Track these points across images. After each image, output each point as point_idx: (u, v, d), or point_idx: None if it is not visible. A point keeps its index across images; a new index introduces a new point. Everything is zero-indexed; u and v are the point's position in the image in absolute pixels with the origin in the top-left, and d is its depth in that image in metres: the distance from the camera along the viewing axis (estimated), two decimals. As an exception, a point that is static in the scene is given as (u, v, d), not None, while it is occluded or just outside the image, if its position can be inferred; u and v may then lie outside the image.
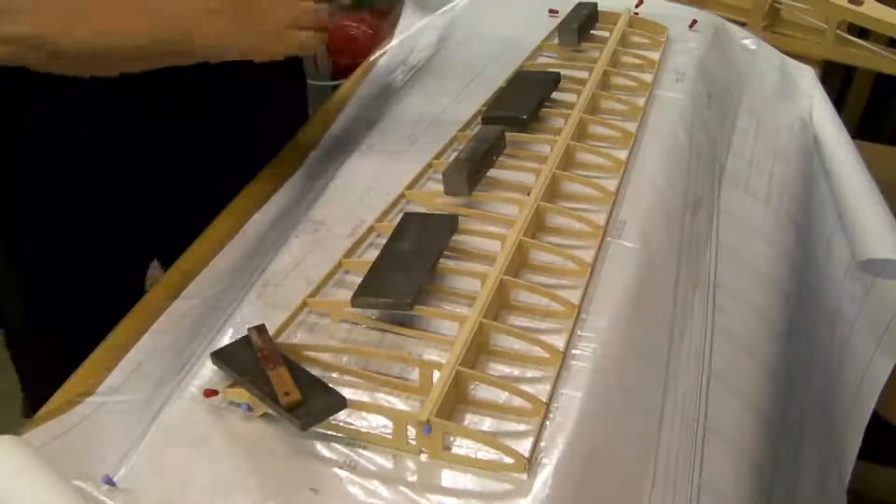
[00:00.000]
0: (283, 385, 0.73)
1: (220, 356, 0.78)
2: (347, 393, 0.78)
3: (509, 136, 1.07)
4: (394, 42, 1.42)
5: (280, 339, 0.82)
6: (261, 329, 0.80)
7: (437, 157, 1.08)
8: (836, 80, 1.93)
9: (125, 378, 0.82)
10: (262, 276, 0.91)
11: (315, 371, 0.78)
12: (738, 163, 1.20)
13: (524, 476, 0.70)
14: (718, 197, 1.12)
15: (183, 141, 1.12)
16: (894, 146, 1.85)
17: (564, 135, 1.07)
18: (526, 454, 0.71)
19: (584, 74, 1.22)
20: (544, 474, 0.70)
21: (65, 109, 1.02)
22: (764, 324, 1.02)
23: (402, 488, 0.70)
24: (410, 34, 1.43)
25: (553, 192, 1.01)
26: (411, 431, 0.72)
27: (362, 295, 0.84)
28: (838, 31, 1.53)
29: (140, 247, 1.21)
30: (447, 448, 0.73)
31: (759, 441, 0.90)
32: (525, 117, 1.11)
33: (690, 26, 1.40)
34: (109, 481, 0.70)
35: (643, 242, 0.96)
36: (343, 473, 0.71)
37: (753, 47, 1.45)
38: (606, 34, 1.34)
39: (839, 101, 1.97)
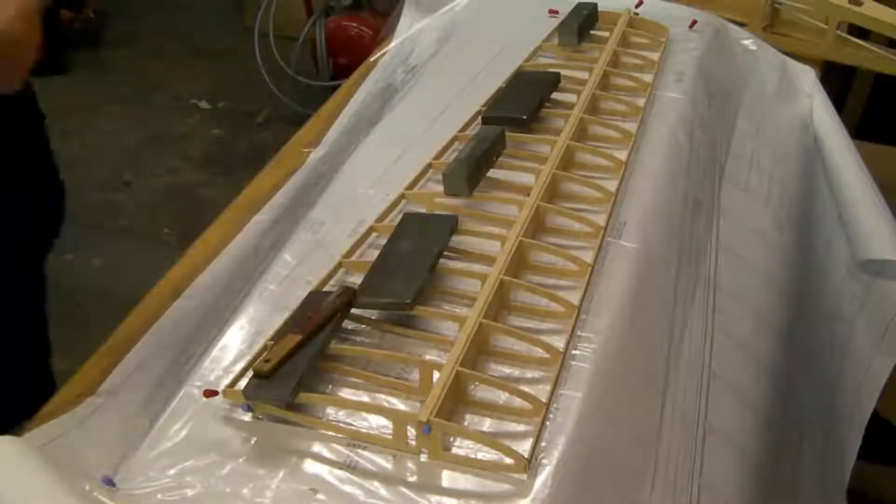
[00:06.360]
0: (275, 351, 0.76)
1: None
2: (347, 393, 0.78)
3: (509, 136, 1.07)
4: (394, 42, 1.42)
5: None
6: (341, 291, 0.83)
7: (437, 157, 1.08)
8: (836, 80, 1.93)
9: (125, 378, 0.82)
10: (262, 276, 0.91)
11: (315, 371, 0.78)
12: (738, 163, 1.20)
13: (524, 476, 0.70)
14: (718, 197, 1.12)
15: None
16: (894, 146, 1.85)
17: (564, 135, 1.07)
18: (526, 454, 0.71)
19: (584, 75, 1.22)
20: (544, 474, 0.70)
21: None
22: (764, 324, 1.02)
23: (402, 489, 0.70)
24: (410, 34, 1.43)
25: (553, 193, 1.01)
26: (411, 432, 0.72)
27: (362, 295, 0.84)
28: (838, 31, 1.53)
29: None
30: (447, 448, 0.73)
31: (759, 441, 0.90)
32: (525, 117, 1.11)
33: (690, 27, 1.40)
34: (109, 481, 0.70)
35: (643, 242, 0.96)
36: (343, 473, 0.71)
37: (753, 47, 1.45)
38: (606, 34, 1.34)
39: (839, 101, 1.97)
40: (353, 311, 0.84)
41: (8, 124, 1.06)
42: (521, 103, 1.14)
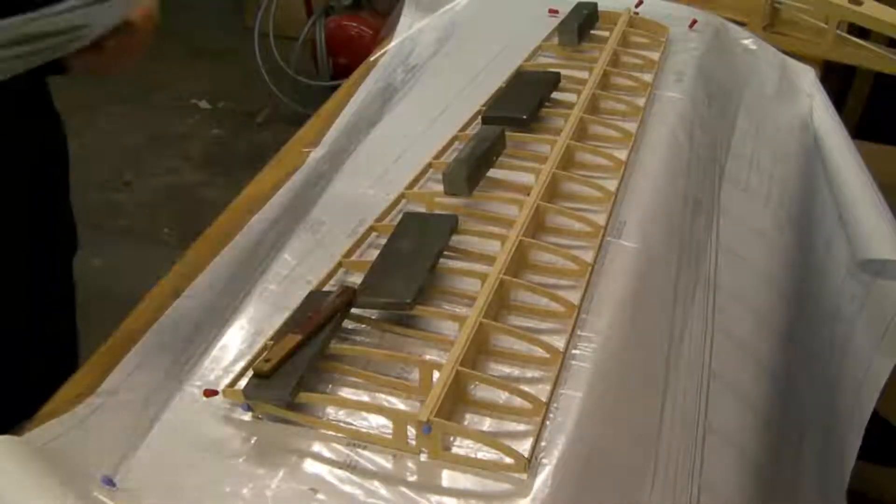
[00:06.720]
0: (275, 351, 0.76)
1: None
2: (347, 393, 0.78)
3: (509, 136, 1.07)
4: (394, 42, 1.42)
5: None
6: (341, 291, 0.83)
7: (437, 156, 1.08)
8: (836, 79, 1.93)
9: (125, 378, 0.81)
10: (262, 276, 0.91)
11: (315, 371, 0.78)
12: (738, 163, 1.20)
13: (524, 476, 0.70)
14: (718, 197, 1.12)
15: None
16: (894, 146, 1.85)
17: (564, 135, 1.07)
18: (526, 454, 0.71)
19: (584, 74, 1.22)
20: (544, 474, 0.70)
21: None
22: (764, 324, 1.02)
23: (402, 488, 0.70)
24: (410, 34, 1.43)
25: (553, 192, 1.01)
26: (411, 431, 0.72)
27: (362, 295, 0.84)
28: (838, 31, 1.53)
29: None
30: (447, 448, 0.73)
31: (759, 441, 0.90)
32: (525, 117, 1.11)
33: (690, 26, 1.40)
34: (109, 481, 0.70)
35: (643, 242, 0.96)
36: (343, 473, 0.71)
37: (753, 47, 1.45)
38: (606, 34, 1.34)
39: (839, 101, 1.97)
40: (353, 310, 0.84)
41: (24, 119, 1.07)
42: (521, 103, 1.14)
